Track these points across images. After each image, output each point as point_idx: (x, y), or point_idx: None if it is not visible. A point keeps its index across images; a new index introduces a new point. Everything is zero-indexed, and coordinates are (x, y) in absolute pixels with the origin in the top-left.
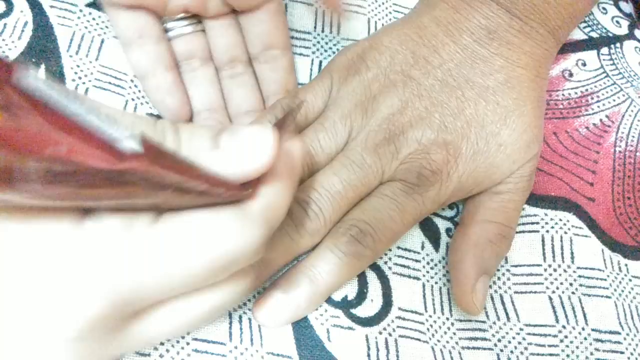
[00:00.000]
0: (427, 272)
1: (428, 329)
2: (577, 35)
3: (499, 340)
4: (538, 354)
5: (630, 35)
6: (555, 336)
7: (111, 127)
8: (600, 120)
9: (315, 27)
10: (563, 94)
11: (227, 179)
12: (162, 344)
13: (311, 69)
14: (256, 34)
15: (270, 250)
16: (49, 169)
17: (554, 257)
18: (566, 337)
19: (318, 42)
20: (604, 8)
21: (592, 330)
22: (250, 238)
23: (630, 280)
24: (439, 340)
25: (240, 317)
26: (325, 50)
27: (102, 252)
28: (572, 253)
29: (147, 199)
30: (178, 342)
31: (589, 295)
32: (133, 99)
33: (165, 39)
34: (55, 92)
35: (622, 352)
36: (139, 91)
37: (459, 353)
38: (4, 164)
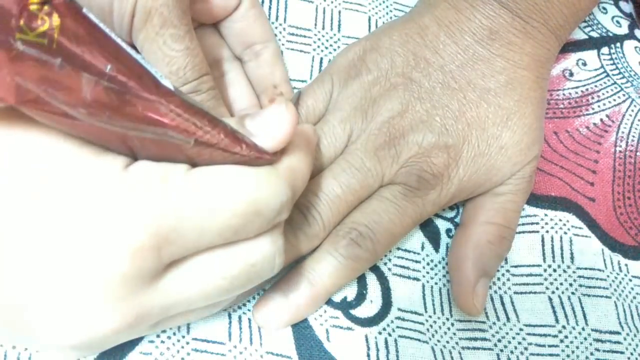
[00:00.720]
0: (427, 272)
1: (428, 329)
2: (578, 34)
3: (499, 341)
4: (538, 354)
5: (630, 35)
6: (555, 336)
7: (149, 66)
8: (601, 119)
9: (315, 24)
10: (564, 94)
11: (247, 138)
12: (162, 342)
13: (312, 66)
14: (233, 35)
15: None
16: (99, 83)
17: (553, 257)
18: (566, 337)
19: (319, 39)
20: (604, 8)
21: (592, 330)
22: (278, 190)
23: (630, 280)
24: (439, 341)
25: (239, 317)
26: (327, 47)
27: (143, 191)
28: (571, 253)
29: (178, 138)
30: (178, 341)
31: (589, 296)
32: None
33: None
34: (103, 26)
35: (622, 352)
36: None
37: (459, 353)
38: (67, 74)
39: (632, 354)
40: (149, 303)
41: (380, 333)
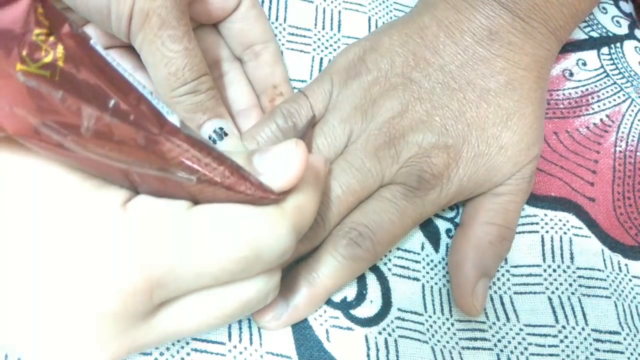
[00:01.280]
0: (427, 272)
1: (428, 329)
2: (578, 34)
3: (499, 341)
4: (538, 354)
5: (630, 35)
6: (555, 336)
7: (156, 101)
8: (601, 119)
9: (315, 24)
10: (563, 94)
11: (253, 176)
12: None
13: (312, 66)
14: (233, 36)
15: None
16: (100, 118)
17: (553, 257)
18: (566, 337)
19: (319, 39)
20: (604, 8)
21: (592, 330)
22: (282, 232)
23: (630, 280)
24: (439, 341)
25: None
26: (327, 47)
27: (139, 231)
28: (571, 253)
29: (180, 175)
30: (178, 341)
31: (589, 296)
32: None
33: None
34: (110, 59)
35: (622, 352)
36: None
37: (459, 353)
38: (68, 107)
39: (632, 354)
40: (140, 340)
41: (380, 333)
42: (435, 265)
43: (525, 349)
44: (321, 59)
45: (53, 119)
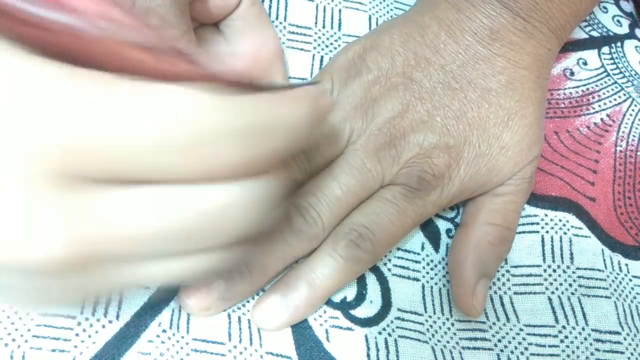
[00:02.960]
0: (427, 273)
1: (428, 329)
2: (578, 34)
3: (499, 341)
4: (538, 354)
5: (631, 35)
6: (555, 336)
7: None
8: (601, 119)
9: (316, 23)
10: (564, 93)
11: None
12: (162, 342)
13: (312, 65)
14: (234, 34)
15: (267, 255)
16: None
17: (553, 257)
18: (566, 337)
19: (319, 38)
20: (604, 7)
21: (592, 330)
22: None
23: (630, 280)
24: (439, 341)
25: (239, 317)
26: (327, 46)
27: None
28: (571, 254)
29: None
30: (178, 341)
31: (589, 296)
32: None
33: None
34: None
35: (622, 352)
36: None
37: (459, 353)
38: None
39: (632, 354)
40: (85, 221)
41: (380, 333)
42: (435, 266)
43: (526, 349)
44: (321, 57)
45: None
